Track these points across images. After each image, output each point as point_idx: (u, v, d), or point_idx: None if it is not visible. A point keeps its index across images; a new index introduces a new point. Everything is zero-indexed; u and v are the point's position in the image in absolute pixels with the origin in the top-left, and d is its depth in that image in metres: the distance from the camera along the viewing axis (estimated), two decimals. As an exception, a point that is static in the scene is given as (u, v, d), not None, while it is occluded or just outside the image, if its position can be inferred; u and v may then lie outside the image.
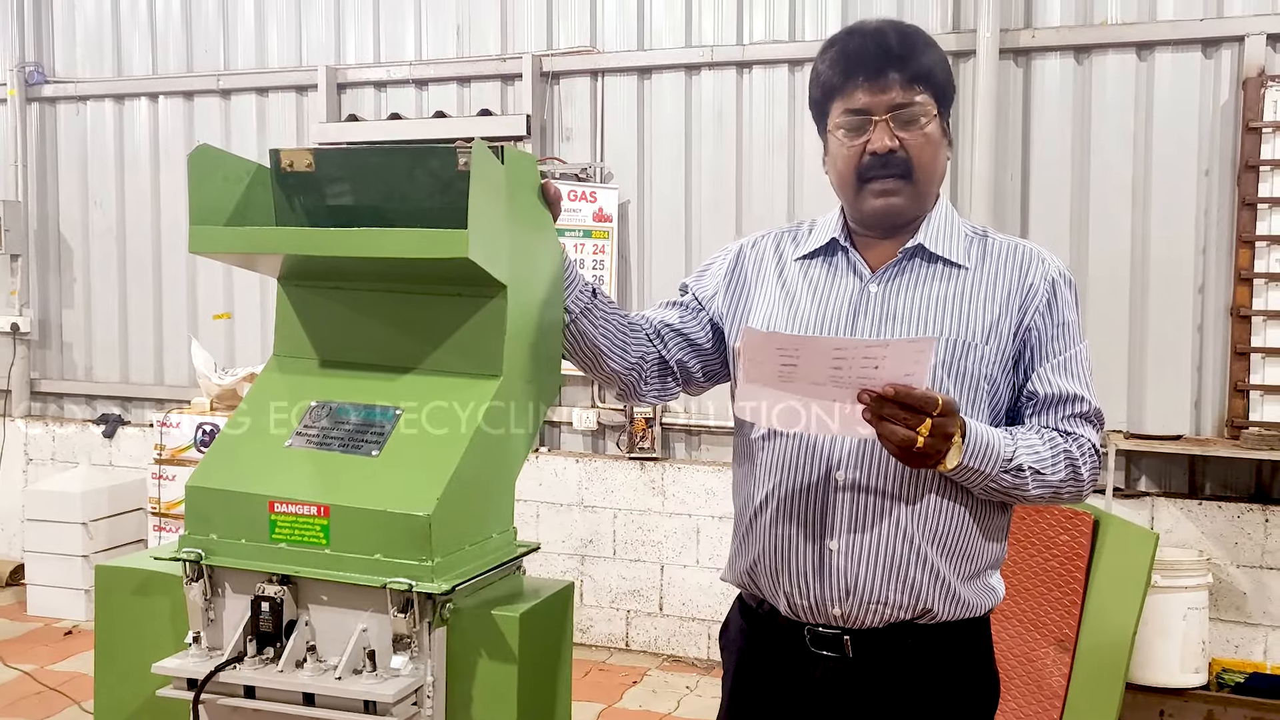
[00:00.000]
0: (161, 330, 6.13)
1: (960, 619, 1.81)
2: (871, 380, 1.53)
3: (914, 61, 1.77)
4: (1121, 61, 4.50)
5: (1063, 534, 4.21)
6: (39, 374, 6.42)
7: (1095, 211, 4.54)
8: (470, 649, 1.64)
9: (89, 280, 6.29)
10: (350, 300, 1.83)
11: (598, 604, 5.22)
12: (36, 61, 6.28)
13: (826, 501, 1.77)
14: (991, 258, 1.84)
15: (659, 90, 5.13)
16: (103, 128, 6.21)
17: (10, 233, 6.22)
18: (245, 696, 1.63)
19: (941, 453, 1.61)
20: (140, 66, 6.12)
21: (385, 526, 1.59)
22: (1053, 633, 4.17)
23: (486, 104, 5.36)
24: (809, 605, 1.80)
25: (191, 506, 1.71)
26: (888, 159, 1.76)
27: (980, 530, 1.81)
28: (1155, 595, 4.11)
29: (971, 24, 4.61)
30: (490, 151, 1.64)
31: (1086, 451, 1.79)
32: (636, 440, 5.16)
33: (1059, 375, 1.80)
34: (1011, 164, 4.63)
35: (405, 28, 5.57)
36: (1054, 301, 1.81)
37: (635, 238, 5.18)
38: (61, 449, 6.25)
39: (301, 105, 5.75)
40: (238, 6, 5.90)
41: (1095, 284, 4.53)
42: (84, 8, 6.23)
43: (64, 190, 6.33)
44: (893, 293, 1.82)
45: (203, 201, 1.73)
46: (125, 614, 1.79)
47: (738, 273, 1.98)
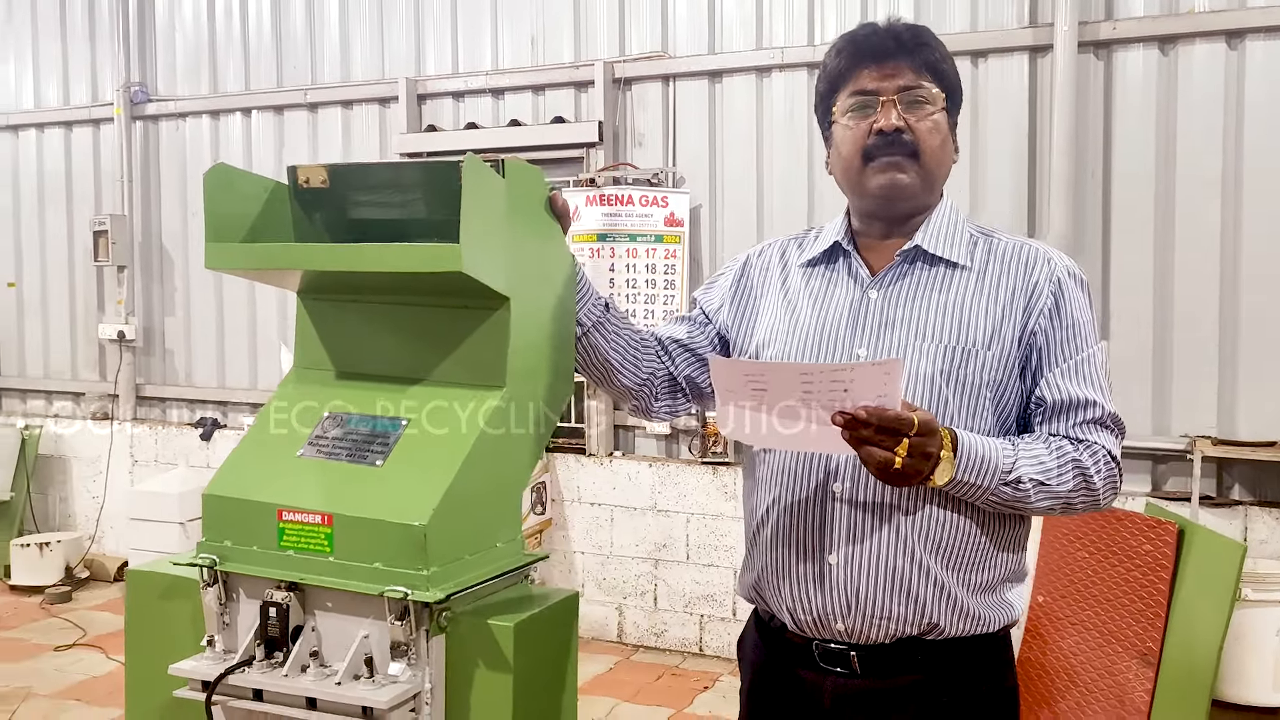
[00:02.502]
0: (255, 337, 6.35)
1: (972, 634, 1.74)
2: (843, 402, 1.50)
3: (923, 52, 1.74)
4: (1210, 52, 4.32)
5: (1145, 543, 4.05)
6: (143, 379, 6.72)
7: (1182, 211, 4.37)
8: (468, 658, 1.66)
9: (189, 289, 6.56)
10: (364, 313, 1.87)
11: (671, 608, 5.22)
12: (140, 81, 6.58)
13: (825, 514, 1.74)
14: (996, 259, 1.77)
15: (730, 93, 5.12)
16: (200, 142, 6.47)
17: (117, 245, 6.53)
18: (254, 699, 1.68)
19: (923, 472, 1.55)
20: (234, 83, 6.36)
21: (384, 535, 1.62)
22: (1135, 645, 4.02)
23: (560, 111, 5.42)
24: (813, 620, 1.76)
25: (208, 514, 1.77)
26: (894, 138, 1.71)
27: (990, 541, 1.74)
28: (1246, 609, 3.93)
29: (1049, 18, 4.48)
30: (484, 165, 1.65)
31: (1101, 459, 1.70)
32: (709, 445, 5.14)
33: (1069, 380, 1.71)
34: (1092, 162, 4.48)
35: (482, 38, 5.67)
36: (1061, 302, 1.73)
37: (707, 242, 5.17)
38: (164, 451, 6.52)
39: (384, 117, 5.90)
40: (324, 23, 6.08)
41: (1181, 286, 4.36)
42: (184, 29, 6.51)
43: (165, 203, 6.62)
44: (892, 299, 1.77)
45: (219, 219, 1.78)
46: (151, 616, 1.86)
47: (744, 283, 1.96)
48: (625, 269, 5.10)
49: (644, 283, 5.10)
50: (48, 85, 6.97)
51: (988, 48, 4.62)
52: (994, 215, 4.62)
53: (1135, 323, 4.43)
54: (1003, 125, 4.61)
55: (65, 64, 6.90)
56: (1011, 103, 4.60)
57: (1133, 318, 4.44)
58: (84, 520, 6.75)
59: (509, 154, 5.33)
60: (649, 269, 5.09)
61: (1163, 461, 4.43)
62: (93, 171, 6.82)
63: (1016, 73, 4.59)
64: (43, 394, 7.08)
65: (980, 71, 4.65)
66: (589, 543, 5.35)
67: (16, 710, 4.46)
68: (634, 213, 5.06)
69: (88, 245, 6.65)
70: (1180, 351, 4.38)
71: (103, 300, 6.80)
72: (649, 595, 5.27)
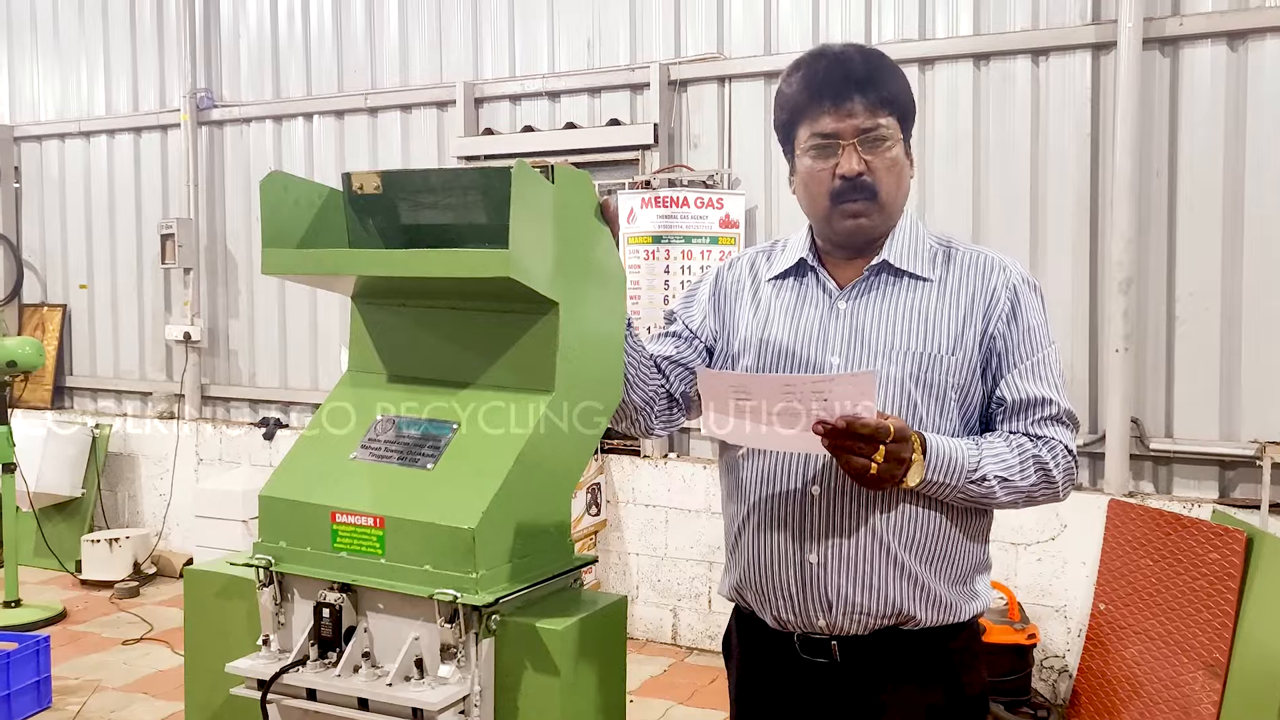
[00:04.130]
0: (316, 338, 6.45)
1: (946, 624, 1.85)
2: (824, 410, 1.63)
3: (878, 86, 1.83)
4: (1282, 47, 4.20)
5: (1212, 551, 3.96)
6: (208, 379, 6.86)
7: (1251, 213, 4.25)
8: (517, 660, 1.67)
9: (252, 292, 6.68)
10: (416, 318, 1.89)
11: (726, 611, 5.18)
12: (206, 88, 6.72)
13: (804, 515, 1.84)
14: (956, 268, 1.89)
15: (786, 94, 5.08)
16: (263, 147, 6.59)
17: (183, 248, 6.68)
18: (307, 698, 1.71)
19: (896, 476, 1.67)
20: (296, 88, 6.47)
21: (434, 538, 1.64)
22: (1202, 656, 3.92)
23: (616, 114, 5.44)
24: (794, 618, 1.87)
25: (264, 515, 1.80)
26: (856, 182, 1.83)
27: (961, 533, 1.86)
28: (1318, 621, 3.82)
29: (1112, 14, 4.39)
30: (533, 171, 1.67)
31: (1059, 453, 1.83)
32: (764, 447, 5.12)
33: (1026, 380, 1.83)
34: (1157, 162, 4.38)
35: (539, 42, 5.70)
36: (1017, 307, 1.85)
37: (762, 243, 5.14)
38: (228, 450, 6.65)
39: (441, 120, 5.96)
40: (383, 28, 6.16)
41: (1250, 287, 4.25)
42: (248, 34, 6.63)
43: (230, 207, 6.75)
44: (861, 309, 1.88)
45: (275, 225, 1.82)
46: (209, 615, 1.90)
47: (719, 296, 2.06)
48: (680, 271, 5.09)
49: (699, 285, 5.09)
50: (118, 92, 7.15)
51: (1049, 46, 4.54)
52: (1054, 215, 4.54)
53: (1202, 325, 4.33)
54: (1064, 124, 4.53)
55: (135, 71, 7.07)
56: (1074, 102, 4.51)
57: (1199, 319, 4.34)
58: (151, 517, 6.90)
59: (565, 156, 5.36)
60: (704, 271, 5.08)
61: (1231, 467, 4.32)
62: (160, 176, 6.98)
63: (1079, 71, 4.51)
64: (113, 393, 7.27)
65: (1041, 70, 4.58)
66: (644, 544, 5.35)
67: (86, 702, 4.58)
68: (689, 215, 5.05)
69: (155, 248, 6.82)
70: (1249, 354, 4.26)
71: (170, 302, 6.96)
72: (703, 598, 5.26)
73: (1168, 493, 4.42)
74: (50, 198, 7.44)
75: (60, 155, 7.39)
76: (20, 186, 7.57)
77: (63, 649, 5.15)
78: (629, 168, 5.40)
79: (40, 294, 7.52)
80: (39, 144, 7.46)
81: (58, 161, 7.40)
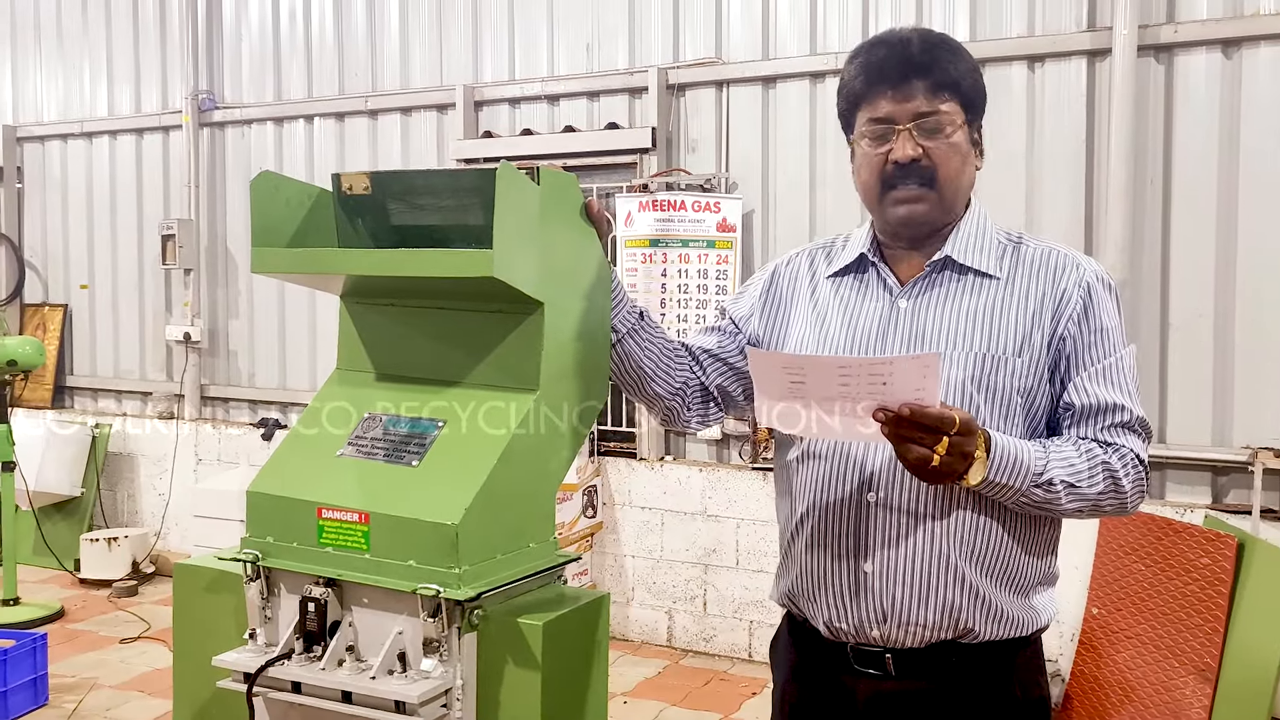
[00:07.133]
0: (315, 339, 6.48)
1: (1006, 638, 1.76)
2: (881, 396, 1.51)
3: (938, 70, 1.75)
4: (1276, 55, 4.21)
5: (1203, 557, 3.97)
6: (208, 380, 6.89)
7: (1245, 220, 4.27)
8: (498, 655, 1.69)
9: (252, 293, 6.71)
10: (404, 317, 1.92)
11: (721, 614, 5.22)
12: (208, 89, 6.75)
13: (860, 522, 1.76)
14: (1024, 266, 1.80)
15: (783, 99, 5.11)
16: (264, 149, 6.62)
17: (184, 249, 6.71)
18: (293, 691, 1.73)
19: (958, 471, 1.57)
20: (298, 90, 6.50)
21: (418, 534, 1.67)
22: (1192, 661, 3.94)
23: (614, 117, 5.46)
24: (848, 627, 1.79)
25: (252, 510, 1.82)
26: (910, 168, 1.74)
27: (1021, 547, 1.76)
28: (1308, 627, 3.83)
29: (1108, 21, 4.41)
30: (518, 173, 1.69)
31: (1129, 462, 1.72)
32: (760, 450, 5.14)
33: (1097, 384, 1.73)
34: (1152, 169, 4.40)
35: (538, 46, 5.73)
36: (1090, 307, 1.75)
37: (759, 247, 5.17)
38: (226, 450, 6.68)
39: (441, 123, 5.99)
40: (384, 32, 6.19)
41: (1244, 294, 4.26)
42: (250, 37, 6.67)
43: (230, 208, 6.78)
44: (922, 308, 1.79)
45: (265, 225, 1.84)
46: (198, 609, 1.92)
47: (773, 293, 1.98)
48: (677, 274, 5.12)
49: (696, 288, 5.12)
50: (121, 93, 7.18)
51: (1045, 52, 4.57)
52: (1050, 221, 4.56)
53: (1196, 331, 4.35)
54: (1060, 131, 4.55)
55: (137, 73, 7.11)
56: (1069, 108, 4.53)
57: (1193, 326, 4.35)
58: (150, 516, 6.93)
59: (563, 159, 5.39)
60: (701, 274, 5.11)
61: (1223, 473, 4.34)
62: (162, 177, 7.01)
63: (1074, 77, 4.53)
64: (113, 393, 7.30)
65: (1037, 76, 4.60)
66: (639, 546, 5.37)
67: (83, 700, 4.60)
68: (686, 218, 5.07)
69: (156, 249, 6.85)
70: (1242, 360, 4.28)
71: (170, 302, 6.99)
72: (699, 600, 5.27)
73: (1160, 498, 4.43)
74: (52, 198, 7.48)
75: (62, 156, 7.42)
76: (22, 186, 7.61)
77: (60, 647, 5.18)
78: (627, 171, 5.43)
79: (42, 294, 7.55)
80: (41, 144, 7.50)
81: (60, 162, 7.44)
